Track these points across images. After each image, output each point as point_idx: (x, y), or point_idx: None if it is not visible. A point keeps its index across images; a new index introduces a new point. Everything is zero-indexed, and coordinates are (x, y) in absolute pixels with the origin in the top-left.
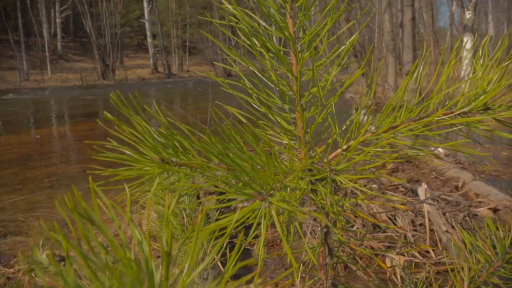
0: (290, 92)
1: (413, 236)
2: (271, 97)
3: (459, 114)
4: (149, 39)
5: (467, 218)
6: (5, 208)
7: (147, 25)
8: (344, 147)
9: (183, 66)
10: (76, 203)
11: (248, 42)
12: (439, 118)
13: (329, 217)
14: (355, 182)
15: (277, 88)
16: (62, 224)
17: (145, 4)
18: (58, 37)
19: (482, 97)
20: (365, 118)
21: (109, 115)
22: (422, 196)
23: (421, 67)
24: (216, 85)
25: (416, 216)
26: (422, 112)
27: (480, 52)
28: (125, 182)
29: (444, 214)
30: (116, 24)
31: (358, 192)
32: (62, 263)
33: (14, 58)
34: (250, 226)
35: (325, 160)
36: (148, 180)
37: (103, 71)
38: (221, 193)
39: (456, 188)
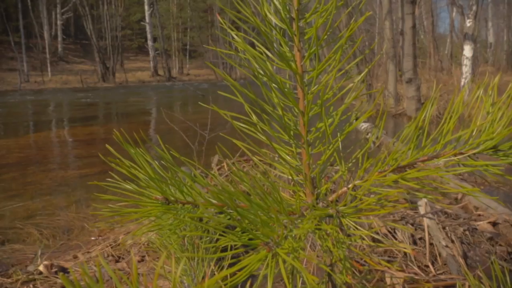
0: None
1: (413, 250)
2: (279, 133)
3: (468, 156)
4: (149, 42)
5: (467, 232)
6: (3, 215)
7: (148, 28)
8: (351, 186)
9: (183, 70)
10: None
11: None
12: (448, 159)
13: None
14: (361, 217)
15: (283, 123)
16: (62, 231)
17: (146, 7)
18: (59, 39)
19: (489, 141)
20: (364, 126)
21: (111, 149)
22: (422, 210)
23: (430, 107)
24: (215, 89)
25: (416, 230)
26: (430, 151)
27: (490, 92)
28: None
29: (443, 228)
30: (117, 27)
31: (362, 233)
32: (61, 273)
33: (15, 59)
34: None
35: (331, 198)
36: (151, 220)
37: (104, 74)
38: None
39: (456, 200)
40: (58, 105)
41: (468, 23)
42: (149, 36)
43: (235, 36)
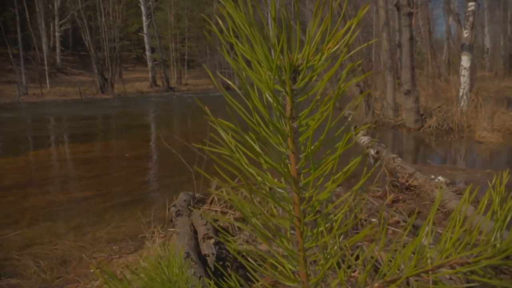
0: (292, 232)
1: (416, 281)
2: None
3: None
4: (147, 53)
5: None
6: (1, 245)
7: (145, 38)
8: None
9: (182, 80)
10: None
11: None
12: (455, 271)
13: None
14: None
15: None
16: (60, 262)
17: (144, 18)
18: (57, 50)
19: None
20: (364, 140)
21: (98, 273)
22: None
23: (430, 224)
24: (214, 100)
25: None
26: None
27: (498, 189)
28: None
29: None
30: (115, 38)
31: None
32: None
33: (13, 72)
34: None
35: None
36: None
37: (102, 85)
38: None
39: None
40: (57, 120)
41: (465, 33)
42: (147, 46)
43: (223, 135)
